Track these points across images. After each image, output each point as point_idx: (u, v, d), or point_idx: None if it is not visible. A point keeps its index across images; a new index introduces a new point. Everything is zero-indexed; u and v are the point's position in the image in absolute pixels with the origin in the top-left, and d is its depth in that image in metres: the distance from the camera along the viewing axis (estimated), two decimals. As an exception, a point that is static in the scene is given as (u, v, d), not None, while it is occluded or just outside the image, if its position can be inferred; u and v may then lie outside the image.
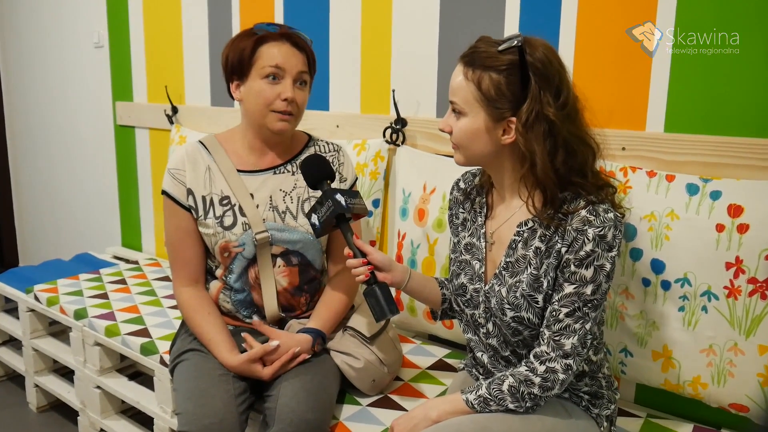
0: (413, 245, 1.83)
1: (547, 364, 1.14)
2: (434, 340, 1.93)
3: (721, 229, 1.31)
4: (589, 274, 1.12)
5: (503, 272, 1.22)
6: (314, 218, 1.35)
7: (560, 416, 1.20)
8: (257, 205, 1.53)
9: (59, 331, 2.41)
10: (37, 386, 2.45)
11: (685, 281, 1.36)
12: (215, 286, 1.59)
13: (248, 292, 1.55)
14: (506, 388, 1.15)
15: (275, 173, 1.56)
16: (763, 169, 1.35)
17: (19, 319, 2.46)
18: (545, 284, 1.16)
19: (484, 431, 1.13)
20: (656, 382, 1.47)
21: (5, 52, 3.66)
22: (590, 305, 1.13)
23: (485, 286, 1.26)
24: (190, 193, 1.53)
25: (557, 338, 1.14)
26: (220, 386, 1.40)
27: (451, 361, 1.76)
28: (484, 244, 1.28)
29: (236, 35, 1.53)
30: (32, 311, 2.36)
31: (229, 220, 1.51)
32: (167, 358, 1.67)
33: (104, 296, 2.25)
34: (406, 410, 1.46)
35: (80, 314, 2.09)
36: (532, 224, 1.19)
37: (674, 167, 1.45)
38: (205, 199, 1.53)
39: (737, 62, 1.38)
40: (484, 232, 1.28)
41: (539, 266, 1.17)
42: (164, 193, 1.54)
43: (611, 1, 1.53)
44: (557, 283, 1.15)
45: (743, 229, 1.30)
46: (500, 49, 1.11)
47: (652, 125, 1.51)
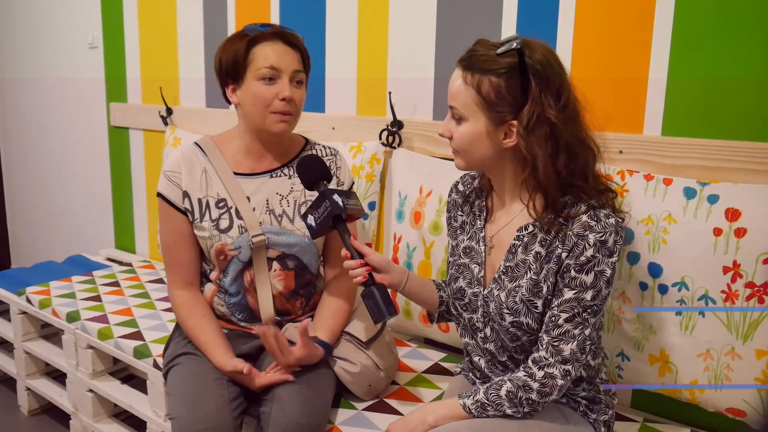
0: (409, 248, 1.82)
1: (545, 369, 1.13)
2: (430, 343, 1.92)
3: (718, 233, 1.31)
4: (589, 279, 1.11)
5: (502, 276, 1.21)
6: (310, 219, 1.34)
7: (558, 421, 1.19)
8: (254, 208, 1.51)
9: (51, 333, 2.39)
10: (28, 389, 2.43)
11: (682, 285, 1.35)
12: (210, 289, 1.57)
13: (243, 295, 1.54)
14: (504, 393, 1.14)
15: (272, 176, 1.55)
16: (761, 173, 1.35)
17: (10, 321, 2.43)
18: (545, 289, 1.15)
19: (481, 437, 1.12)
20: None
21: (-2, 52, 3.65)
22: (590, 311, 1.12)
23: (484, 290, 1.25)
24: (186, 195, 1.51)
25: (556, 344, 1.13)
26: (214, 391, 1.39)
27: (447, 365, 1.75)
28: (483, 247, 1.27)
29: (227, 38, 1.51)
30: (24, 314, 2.34)
31: (225, 223, 1.50)
32: (161, 361, 1.66)
33: (97, 299, 2.24)
34: (402, 414, 1.45)
35: (73, 317, 2.08)
36: (532, 228, 1.19)
37: (672, 171, 1.45)
38: (201, 201, 1.51)
39: (735, 65, 1.38)
40: (483, 235, 1.28)
41: (539, 271, 1.16)
42: (160, 195, 1.53)
43: (609, 3, 1.53)
44: (557, 288, 1.14)
45: (741, 233, 1.29)
46: (499, 52, 1.10)
47: (649, 128, 1.51)
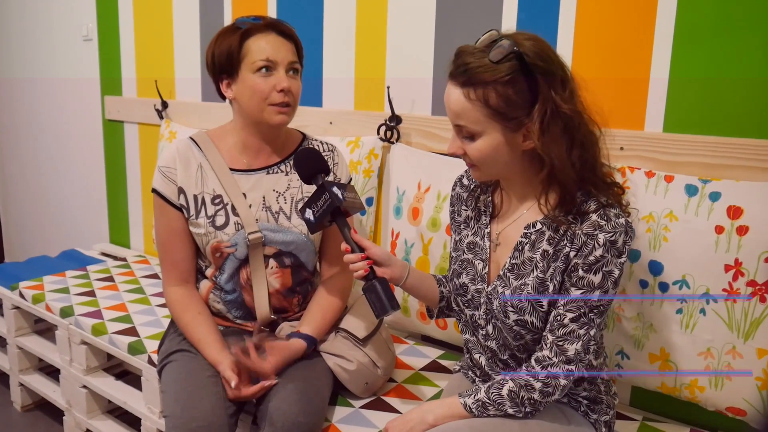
0: (407, 244, 1.80)
1: (549, 369, 1.12)
2: (427, 340, 1.90)
3: (720, 230, 1.30)
4: (597, 279, 1.09)
5: (508, 274, 1.19)
6: (309, 213, 1.32)
7: (559, 422, 1.18)
8: (250, 205, 1.49)
9: (45, 329, 2.38)
10: (21, 385, 2.42)
11: (683, 283, 1.34)
12: (205, 285, 1.55)
13: (239, 293, 1.52)
14: (506, 392, 1.13)
15: (268, 173, 1.53)
16: (763, 170, 1.34)
17: (3, 316, 2.42)
18: (551, 288, 1.13)
19: (481, 437, 1.11)
20: (653, 384, 1.45)
21: (-8, 44, 3.61)
22: (596, 311, 1.11)
23: (488, 287, 1.23)
24: (181, 191, 1.49)
25: (561, 343, 1.12)
26: (208, 388, 1.37)
27: (445, 362, 1.73)
28: (488, 244, 1.25)
29: (218, 32, 1.49)
30: (17, 309, 2.32)
31: (221, 219, 1.48)
32: (155, 357, 1.64)
33: (91, 294, 2.22)
34: (399, 412, 1.44)
35: (66, 312, 2.06)
36: (540, 226, 1.17)
37: (673, 168, 1.44)
38: (196, 198, 1.49)
39: (737, 62, 1.36)
40: (488, 231, 1.26)
41: (546, 269, 1.14)
42: (154, 191, 1.51)
43: (610, 0, 1.51)
44: (563, 287, 1.13)
45: (743, 231, 1.28)
46: (495, 60, 1.05)
47: (651, 125, 1.49)
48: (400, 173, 1.88)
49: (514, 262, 1.19)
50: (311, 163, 1.37)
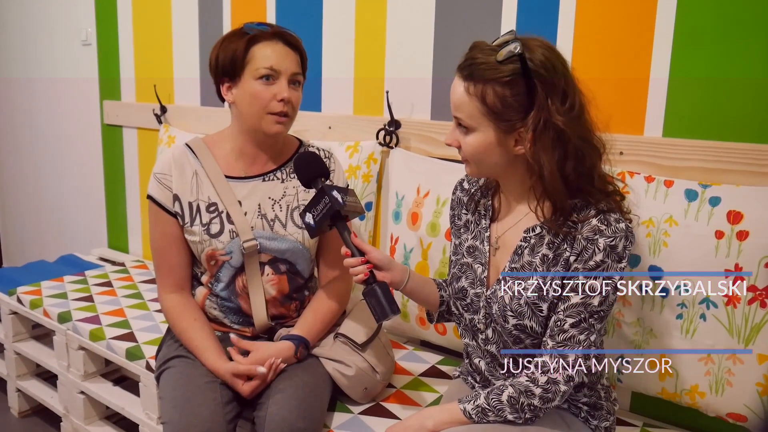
0: (406, 249, 1.80)
1: (549, 374, 1.11)
2: (426, 346, 1.90)
3: (720, 235, 1.30)
4: (597, 284, 1.09)
5: (507, 278, 1.19)
6: (308, 217, 1.31)
7: (559, 428, 1.17)
8: (245, 212, 1.49)
9: (42, 334, 2.36)
10: (19, 391, 2.41)
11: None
12: (201, 292, 1.55)
13: (236, 300, 1.52)
14: (506, 398, 1.12)
15: (264, 180, 1.52)
16: (763, 175, 1.34)
17: (1, 321, 2.40)
18: (551, 293, 1.13)
19: (481, 443, 1.10)
20: (653, 390, 1.45)
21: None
22: (596, 317, 1.10)
23: (487, 291, 1.23)
24: (176, 198, 1.49)
25: (561, 349, 1.11)
26: (206, 394, 1.37)
27: (444, 367, 1.73)
28: (487, 248, 1.25)
29: (225, 35, 1.49)
30: (15, 314, 2.31)
31: (216, 227, 1.48)
32: (153, 363, 1.63)
33: (89, 299, 2.21)
34: (399, 418, 1.43)
35: (64, 317, 2.05)
36: (539, 230, 1.17)
37: (673, 172, 1.43)
38: (191, 205, 1.49)
39: (737, 66, 1.36)
40: (488, 235, 1.26)
41: (545, 274, 1.13)
42: (150, 197, 1.50)
43: (610, 3, 1.51)
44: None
45: (743, 236, 1.28)
46: (500, 59, 1.07)
47: (650, 130, 1.49)
48: (399, 178, 1.88)
49: (513, 266, 1.19)
50: (311, 166, 1.36)
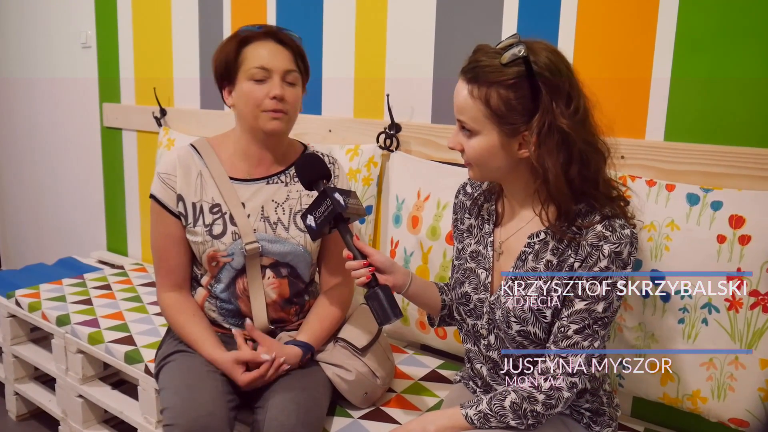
0: (406, 253, 1.79)
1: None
2: (427, 350, 1.89)
3: (722, 240, 1.29)
4: (602, 291, 1.08)
5: (511, 284, 1.18)
6: (310, 219, 1.30)
7: (561, 433, 1.17)
8: (248, 214, 1.48)
9: (41, 337, 2.36)
10: (17, 394, 2.39)
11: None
12: (200, 294, 1.54)
13: (236, 302, 1.51)
14: (508, 404, 1.11)
15: (268, 183, 1.52)
16: (765, 179, 1.33)
17: (-1, 324, 2.39)
18: (555, 299, 1.12)
19: (483, 448, 1.09)
20: (654, 395, 1.44)
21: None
22: (600, 323, 1.10)
23: (490, 296, 1.22)
24: (180, 199, 1.48)
25: (564, 355, 1.10)
26: (208, 382, 1.36)
27: (444, 372, 1.72)
28: (491, 253, 1.24)
29: (223, 41, 1.50)
30: (13, 317, 2.30)
31: (218, 228, 1.47)
32: (152, 366, 1.62)
33: (88, 302, 2.20)
34: (399, 423, 1.42)
35: (63, 321, 2.04)
36: (544, 236, 1.16)
37: (674, 177, 1.43)
38: (195, 205, 1.48)
39: (739, 70, 1.36)
40: (491, 240, 1.25)
41: (549, 280, 1.12)
42: (153, 197, 1.50)
43: (611, 6, 1.51)
44: (567, 298, 1.11)
45: (745, 240, 1.28)
46: (505, 63, 1.06)
47: (651, 134, 1.49)
48: (399, 181, 1.87)
49: (517, 271, 1.18)
50: (313, 168, 1.36)
